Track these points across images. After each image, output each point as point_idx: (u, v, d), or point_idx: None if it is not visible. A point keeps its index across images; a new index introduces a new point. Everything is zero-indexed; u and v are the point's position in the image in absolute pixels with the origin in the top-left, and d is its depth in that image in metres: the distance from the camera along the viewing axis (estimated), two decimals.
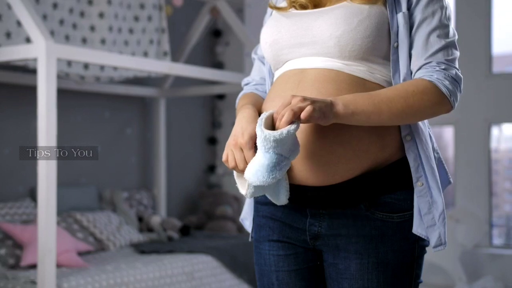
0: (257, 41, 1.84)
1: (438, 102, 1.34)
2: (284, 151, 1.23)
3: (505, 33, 5.08)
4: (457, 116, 4.99)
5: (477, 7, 5.01)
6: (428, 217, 1.37)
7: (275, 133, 1.21)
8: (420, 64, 1.37)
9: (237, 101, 1.57)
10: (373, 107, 1.29)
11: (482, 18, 4.98)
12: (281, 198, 1.35)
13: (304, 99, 1.23)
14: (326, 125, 1.28)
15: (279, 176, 1.25)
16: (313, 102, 1.23)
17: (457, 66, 1.39)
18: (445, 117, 2.42)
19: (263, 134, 1.22)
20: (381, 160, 1.37)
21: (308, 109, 1.21)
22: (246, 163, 1.30)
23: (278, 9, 1.50)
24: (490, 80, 4.98)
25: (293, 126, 1.22)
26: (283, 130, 1.21)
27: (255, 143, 1.31)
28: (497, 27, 5.01)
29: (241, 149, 1.31)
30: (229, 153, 1.33)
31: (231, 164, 1.33)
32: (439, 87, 1.33)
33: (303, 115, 1.21)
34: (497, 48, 5.04)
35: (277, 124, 1.24)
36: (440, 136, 5.46)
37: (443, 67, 1.35)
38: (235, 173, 1.36)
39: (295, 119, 1.22)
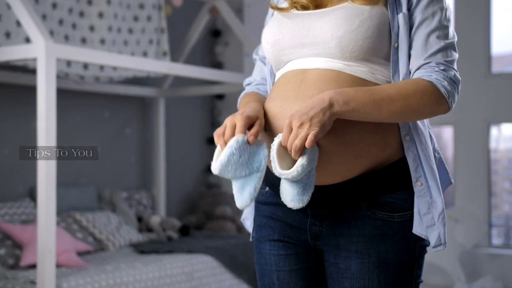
0: (256, 41, 1.84)
1: (436, 103, 1.35)
2: (305, 171, 1.26)
3: (504, 33, 5.09)
4: (456, 116, 4.99)
5: (476, 7, 5.01)
6: (427, 217, 1.38)
7: (292, 174, 1.25)
8: (419, 64, 1.37)
9: (239, 100, 1.57)
10: (374, 104, 1.30)
11: (482, 19, 4.99)
12: (244, 196, 1.29)
13: (302, 123, 1.24)
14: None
15: (312, 187, 1.29)
16: (311, 119, 1.25)
17: (455, 67, 1.39)
18: (444, 117, 2.42)
19: (282, 177, 1.26)
20: (382, 160, 1.38)
21: (310, 138, 1.24)
22: (232, 132, 1.29)
23: (280, 9, 1.50)
24: (489, 80, 4.98)
25: (304, 159, 1.24)
26: (298, 167, 1.24)
27: (250, 125, 1.31)
28: (496, 27, 5.01)
29: (235, 122, 1.31)
30: (222, 126, 1.32)
31: (219, 130, 1.31)
32: (438, 87, 1.34)
33: (307, 144, 1.24)
34: (496, 48, 5.04)
35: (292, 155, 1.26)
36: (439, 136, 5.46)
37: (442, 68, 1.36)
38: (217, 150, 1.32)
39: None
